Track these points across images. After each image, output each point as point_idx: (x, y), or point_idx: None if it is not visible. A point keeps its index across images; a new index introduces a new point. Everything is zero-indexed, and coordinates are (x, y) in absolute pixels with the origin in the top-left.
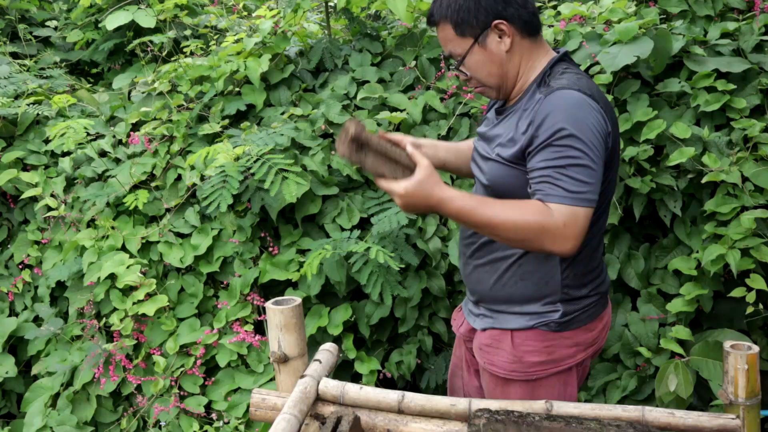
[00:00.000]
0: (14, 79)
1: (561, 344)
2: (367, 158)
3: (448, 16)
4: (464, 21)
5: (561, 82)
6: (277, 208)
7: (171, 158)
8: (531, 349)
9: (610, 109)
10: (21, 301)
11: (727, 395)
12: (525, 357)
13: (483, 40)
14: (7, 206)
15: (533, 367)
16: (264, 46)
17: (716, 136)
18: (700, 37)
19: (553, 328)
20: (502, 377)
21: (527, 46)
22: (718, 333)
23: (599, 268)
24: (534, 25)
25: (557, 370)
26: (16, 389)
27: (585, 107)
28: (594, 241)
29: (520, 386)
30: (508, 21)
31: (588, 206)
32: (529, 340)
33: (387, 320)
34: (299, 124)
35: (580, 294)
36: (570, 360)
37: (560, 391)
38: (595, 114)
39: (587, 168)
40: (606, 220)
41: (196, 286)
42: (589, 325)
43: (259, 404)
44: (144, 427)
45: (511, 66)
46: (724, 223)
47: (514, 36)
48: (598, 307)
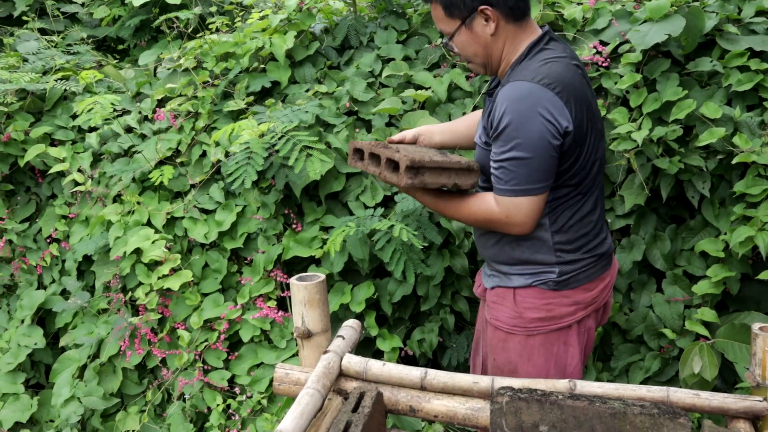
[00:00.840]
0: (42, 54)
1: (560, 303)
2: (426, 177)
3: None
4: (452, 4)
5: (521, 72)
6: (301, 185)
7: (196, 134)
8: (530, 306)
9: (577, 92)
10: (49, 274)
11: (755, 377)
12: (525, 313)
13: (469, 23)
14: (36, 181)
15: (533, 323)
16: (289, 23)
17: (748, 116)
18: (734, 15)
19: (552, 287)
20: (504, 331)
21: (512, 30)
22: (745, 315)
23: (594, 231)
24: (520, 9)
25: (556, 327)
26: (45, 360)
27: (532, 100)
28: (584, 209)
29: (519, 341)
30: (493, 6)
31: (531, 195)
32: (529, 297)
33: (409, 298)
34: (324, 101)
35: (575, 257)
36: (569, 318)
37: (559, 349)
38: (543, 105)
39: (524, 161)
40: (596, 188)
41: (220, 262)
42: (588, 285)
43: (282, 378)
44: (168, 400)
45: (496, 48)
46: (753, 205)
47: (499, 20)
48: (597, 268)
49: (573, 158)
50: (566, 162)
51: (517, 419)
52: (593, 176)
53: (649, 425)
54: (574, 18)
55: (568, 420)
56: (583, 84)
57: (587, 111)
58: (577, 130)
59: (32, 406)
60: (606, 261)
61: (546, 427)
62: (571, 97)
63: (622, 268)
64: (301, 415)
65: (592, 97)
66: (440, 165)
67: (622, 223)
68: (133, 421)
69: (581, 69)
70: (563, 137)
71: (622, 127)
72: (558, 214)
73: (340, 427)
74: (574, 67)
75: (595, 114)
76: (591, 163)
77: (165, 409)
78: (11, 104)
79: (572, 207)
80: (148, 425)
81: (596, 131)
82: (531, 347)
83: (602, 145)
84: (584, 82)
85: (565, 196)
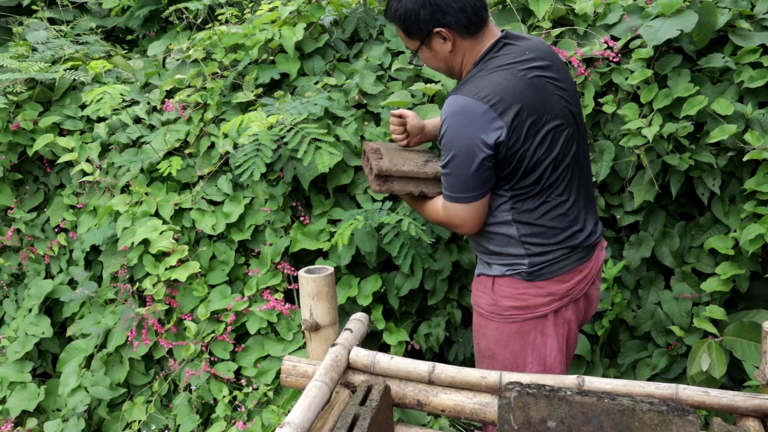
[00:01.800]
0: (51, 44)
1: (534, 293)
2: (393, 185)
3: (395, 21)
4: (410, 27)
5: (463, 85)
6: (310, 177)
7: (204, 126)
8: (506, 294)
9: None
10: (57, 264)
11: (764, 375)
12: (501, 301)
13: (428, 43)
14: (44, 170)
15: (508, 310)
16: (299, 15)
17: (760, 113)
18: (747, 11)
19: (525, 277)
20: (484, 317)
21: (469, 44)
22: (754, 314)
23: (564, 224)
24: (474, 25)
25: (531, 316)
26: (52, 349)
27: (465, 114)
28: (550, 204)
29: (497, 327)
30: (447, 27)
31: (465, 202)
32: (505, 286)
33: (416, 292)
34: (333, 93)
35: (544, 249)
36: (544, 308)
37: (536, 339)
38: (475, 119)
39: (456, 172)
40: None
41: (227, 254)
42: (563, 276)
43: (290, 371)
44: (175, 391)
45: (455, 62)
46: (764, 203)
47: (456, 38)
48: (571, 260)
49: (517, 162)
50: (509, 167)
51: (525, 414)
52: (558, 176)
53: (658, 422)
54: (585, 13)
55: (576, 416)
56: (532, 88)
57: (534, 115)
58: (518, 136)
59: (39, 395)
60: (583, 253)
61: (554, 423)
62: (510, 106)
63: (631, 264)
64: (309, 407)
65: (546, 99)
66: (408, 175)
67: (631, 220)
68: (139, 412)
69: (539, 70)
70: (496, 148)
71: (632, 123)
72: (521, 209)
73: (348, 420)
74: (524, 71)
75: (552, 115)
76: (550, 161)
77: (171, 399)
78: (20, 93)
79: (535, 202)
80: (155, 415)
81: (556, 132)
82: (508, 335)
83: (570, 145)
84: (535, 85)
85: (525, 193)
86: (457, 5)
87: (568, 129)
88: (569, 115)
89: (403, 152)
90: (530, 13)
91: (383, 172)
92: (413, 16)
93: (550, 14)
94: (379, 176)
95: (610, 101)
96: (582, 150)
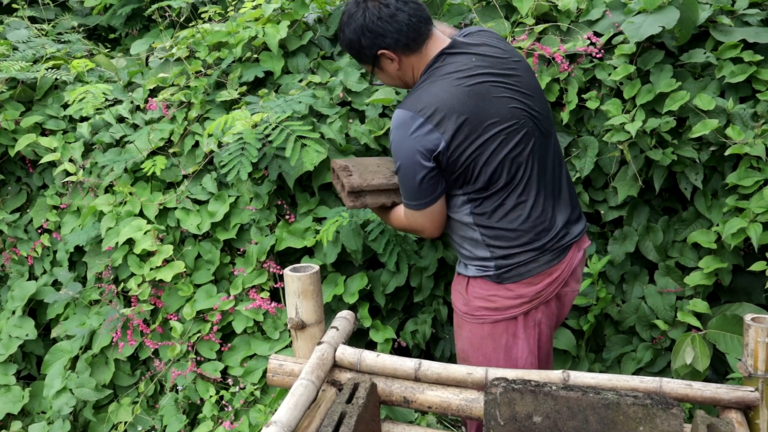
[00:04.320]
0: (33, 43)
1: (504, 295)
2: (367, 199)
3: (346, 50)
4: (358, 55)
5: (405, 99)
6: (295, 175)
7: (189, 125)
8: (477, 295)
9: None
10: (40, 265)
11: (746, 368)
12: (472, 302)
13: (378, 65)
14: (26, 171)
15: (479, 311)
16: (282, 13)
17: (741, 108)
18: (728, 7)
19: (494, 280)
20: (459, 316)
21: (415, 59)
22: (736, 307)
23: (527, 227)
24: (415, 41)
25: (502, 317)
26: (36, 351)
27: (404, 127)
28: (507, 206)
29: (471, 329)
30: (388, 49)
31: (419, 209)
32: (476, 287)
33: (402, 289)
34: (317, 91)
35: (509, 252)
36: (514, 310)
37: (508, 340)
38: (413, 132)
39: (404, 181)
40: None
41: (212, 253)
42: (531, 279)
43: (276, 370)
44: (161, 391)
45: (407, 76)
46: (745, 197)
47: (401, 56)
48: (540, 263)
49: (462, 168)
50: (455, 173)
51: (511, 410)
52: (513, 177)
53: (642, 416)
54: (569, 9)
55: (561, 411)
56: (472, 96)
57: (474, 122)
58: (457, 144)
59: (24, 397)
60: (553, 255)
61: (540, 418)
62: (447, 115)
63: (615, 259)
64: (296, 406)
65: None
66: (379, 187)
67: (615, 215)
68: (125, 413)
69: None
70: (438, 158)
71: (615, 118)
72: (481, 216)
73: (335, 418)
74: (463, 79)
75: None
76: (498, 163)
77: (158, 400)
78: (1, 93)
79: (492, 205)
80: (141, 416)
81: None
82: (480, 337)
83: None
84: (476, 92)
85: (479, 197)
86: (394, 27)
87: (523, 130)
88: (524, 115)
89: (370, 165)
90: (513, 9)
91: (355, 188)
92: (357, 45)
93: (533, 11)
94: (351, 193)
95: (594, 97)
96: (546, 148)
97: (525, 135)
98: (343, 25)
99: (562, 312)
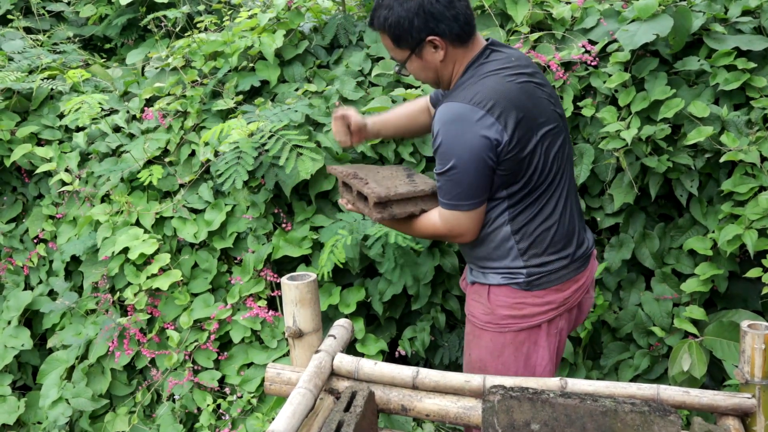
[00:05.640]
0: (28, 54)
1: (531, 302)
2: (394, 209)
3: (385, 29)
4: (400, 36)
5: (455, 93)
6: (291, 184)
7: (185, 134)
8: (502, 303)
9: (513, 103)
10: (36, 275)
11: (743, 374)
12: (497, 310)
13: (419, 52)
14: (22, 181)
15: (504, 320)
16: (278, 22)
17: (735, 115)
18: (721, 15)
19: (523, 287)
20: (478, 327)
21: (460, 53)
22: (733, 313)
23: (561, 234)
24: (466, 34)
25: (527, 325)
26: (32, 362)
27: (461, 121)
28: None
29: (491, 337)
30: (440, 36)
31: (467, 210)
32: (501, 295)
33: (400, 297)
34: (313, 100)
35: (542, 260)
36: (540, 317)
37: (529, 348)
38: (474, 124)
39: (457, 179)
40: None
41: (209, 262)
42: (561, 286)
43: (273, 378)
44: (158, 401)
45: (446, 71)
46: (741, 203)
47: (447, 47)
48: (570, 270)
49: (515, 166)
50: (508, 171)
51: (508, 418)
52: (552, 180)
53: (640, 423)
54: (563, 17)
55: (559, 418)
56: (524, 93)
57: (529, 119)
58: (517, 139)
59: (19, 407)
60: (581, 263)
61: (537, 426)
62: (506, 109)
63: (612, 266)
64: (293, 414)
65: (537, 103)
66: (406, 196)
67: (611, 222)
68: (122, 422)
69: (526, 76)
70: (498, 151)
71: (611, 125)
72: (519, 221)
73: (332, 426)
74: (513, 77)
75: (545, 119)
76: (544, 168)
77: (154, 409)
78: None
79: (532, 213)
80: (138, 426)
81: (550, 135)
82: (502, 345)
83: (563, 150)
84: (525, 90)
85: (522, 201)
86: (450, 13)
87: (562, 133)
88: (559, 118)
89: (379, 172)
90: (508, 17)
91: (383, 198)
92: (406, 24)
93: (528, 19)
94: (378, 204)
95: (589, 104)
96: (571, 155)
97: (563, 139)
98: (392, 0)
99: (579, 319)
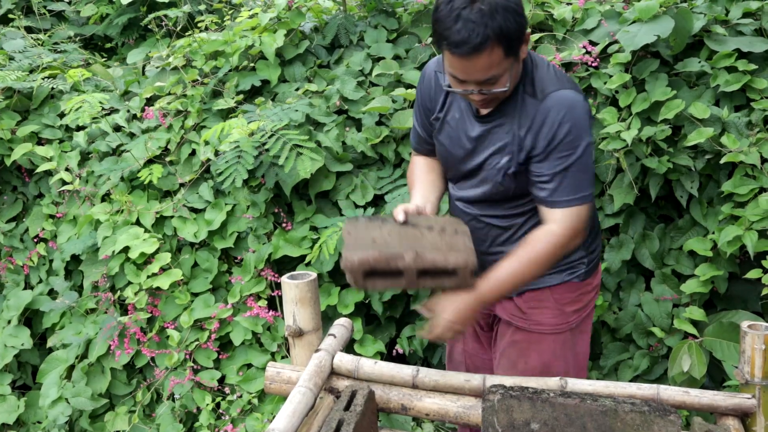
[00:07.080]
0: (29, 53)
1: (586, 290)
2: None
3: (496, 41)
4: (514, 42)
5: (547, 82)
6: (291, 183)
7: (185, 133)
8: (568, 300)
9: None
10: (36, 274)
11: (743, 375)
12: (565, 308)
13: (519, 54)
14: (22, 180)
15: (572, 315)
16: (279, 22)
17: (735, 116)
18: (722, 16)
19: (582, 278)
20: (538, 333)
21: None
22: (733, 314)
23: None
24: None
25: (585, 314)
26: (32, 361)
27: (584, 107)
28: None
29: (554, 338)
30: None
31: (589, 200)
32: (564, 293)
33: (399, 296)
34: (314, 100)
35: (595, 245)
36: (592, 302)
37: (577, 338)
38: (587, 111)
39: (583, 166)
40: None
41: (210, 261)
42: (599, 267)
43: (273, 377)
44: (158, 400)
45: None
46: (741, 204)
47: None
48: (600, 251)
49: None
50: None
51: (508, 417)
52: None
53: (640, 422)
54: (564, 18)
55: (559, 418)
56: None
57: None
58: None
59: (19, 407)
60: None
61: (537, 425)
62: None
63: (611, 267)
64: (293, 413)
65: None
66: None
67: (611, 222)
68: (122, 422)
69: None
70: None
71: (611, 126)
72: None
73: (332, 425)
74: None
75: None
76: None
77: (154, 409)
78: None
79: None
80: (138, 425)
81: None
82: (562, 343)
83: None
84: None
85: None
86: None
87: None
88: None
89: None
90: None
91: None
92: (522, 19)
93: (529, 19)
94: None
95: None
96: None
97: None
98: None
99: None
